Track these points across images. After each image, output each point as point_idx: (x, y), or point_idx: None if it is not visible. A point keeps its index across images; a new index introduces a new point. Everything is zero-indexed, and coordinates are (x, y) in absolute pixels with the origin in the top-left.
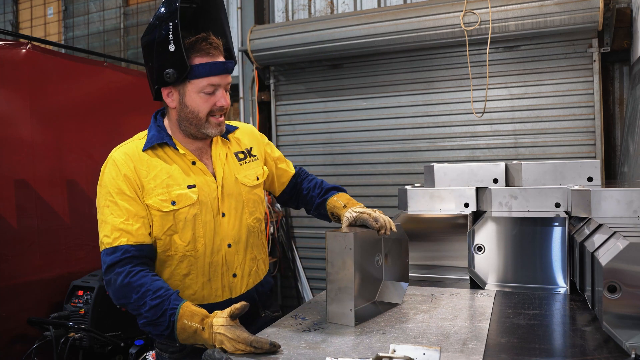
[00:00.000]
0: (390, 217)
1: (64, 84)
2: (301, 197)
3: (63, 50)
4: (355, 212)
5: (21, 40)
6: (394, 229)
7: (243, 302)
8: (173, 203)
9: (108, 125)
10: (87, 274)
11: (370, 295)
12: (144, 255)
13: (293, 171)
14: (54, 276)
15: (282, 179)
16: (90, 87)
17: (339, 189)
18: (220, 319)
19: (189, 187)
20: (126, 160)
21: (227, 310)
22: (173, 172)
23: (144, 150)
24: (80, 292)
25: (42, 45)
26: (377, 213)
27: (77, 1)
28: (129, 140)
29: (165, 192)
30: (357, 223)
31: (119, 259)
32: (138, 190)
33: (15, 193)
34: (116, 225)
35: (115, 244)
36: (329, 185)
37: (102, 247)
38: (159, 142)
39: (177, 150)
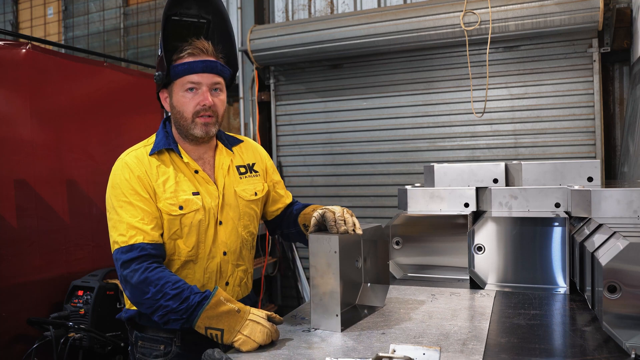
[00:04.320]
0: (390, 218)
1: (64, 84)
2: (286, 219)
3: (63, 50)
4: (319, 212)
5: (21, 40)
6: (359, 231)
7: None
8: (180, 207)
9: (108, 125)
10: (87, 274)
11: (352, 299)
12: (159, 254)
13: (290, 199)
14: (54, 276)
15: (278, 204)
16: (90, 87)
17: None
18: (259, 311)
19: (194, 194)
20: (138, 164)
21: (265, 313)
22: (179, 178)
23: (151, 154)
24: (80, 292)
25: (42, 45)
26: (344, 215)
27: (77, 1)
28: (138, 145)
29: (174, 197)
30: (321, 226)
31: (137, 256)
32: (151, 192)
33: (15, 193)
34: (131, 223)
35: (131, 242)
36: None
37: (115, 247)
38: (165, 147)
39: (182, 158)
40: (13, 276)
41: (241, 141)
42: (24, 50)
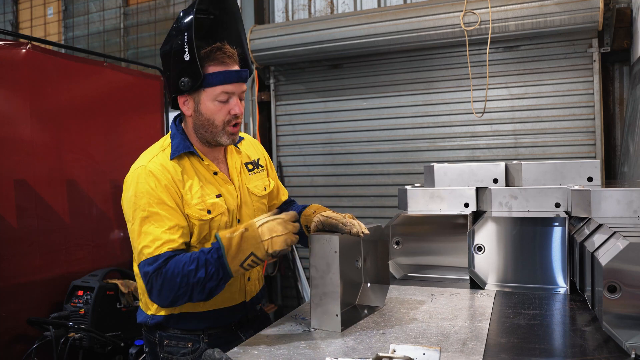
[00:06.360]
0: (390, 218)
1: (64, 84)
2: None
3: (63, 50)
4: (323, 216)
5: (21, 40)
6: (367, 231)
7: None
8: (209, 212)
9: (108, 125)
10: (87, 274)
11: (352, 299)
12: None
13: (286, 196)
14: (54, 276)
15: (274, 200)
16: (90, 87)
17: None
18: (262, 217)
19: (217, 196)
20: (163, 172)
21: (267, 215)
22: (203, 182)
23: (172, 159)
24: (80, 292)
25: (42, 45)
26: (346, 219)
27: (77, 1)
28: (154, 149)
29: (201, 202)
30: (326, 228)
31: (160, 265)
32: (178, 200)
33: (15, 193)
34: (158, 235)
35: (156, 253)
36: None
37: (141, 258)
38: (185, 151)
39: (202, 160)
40: (13, 276)
41: (242, 138)
42: (23, 50)
